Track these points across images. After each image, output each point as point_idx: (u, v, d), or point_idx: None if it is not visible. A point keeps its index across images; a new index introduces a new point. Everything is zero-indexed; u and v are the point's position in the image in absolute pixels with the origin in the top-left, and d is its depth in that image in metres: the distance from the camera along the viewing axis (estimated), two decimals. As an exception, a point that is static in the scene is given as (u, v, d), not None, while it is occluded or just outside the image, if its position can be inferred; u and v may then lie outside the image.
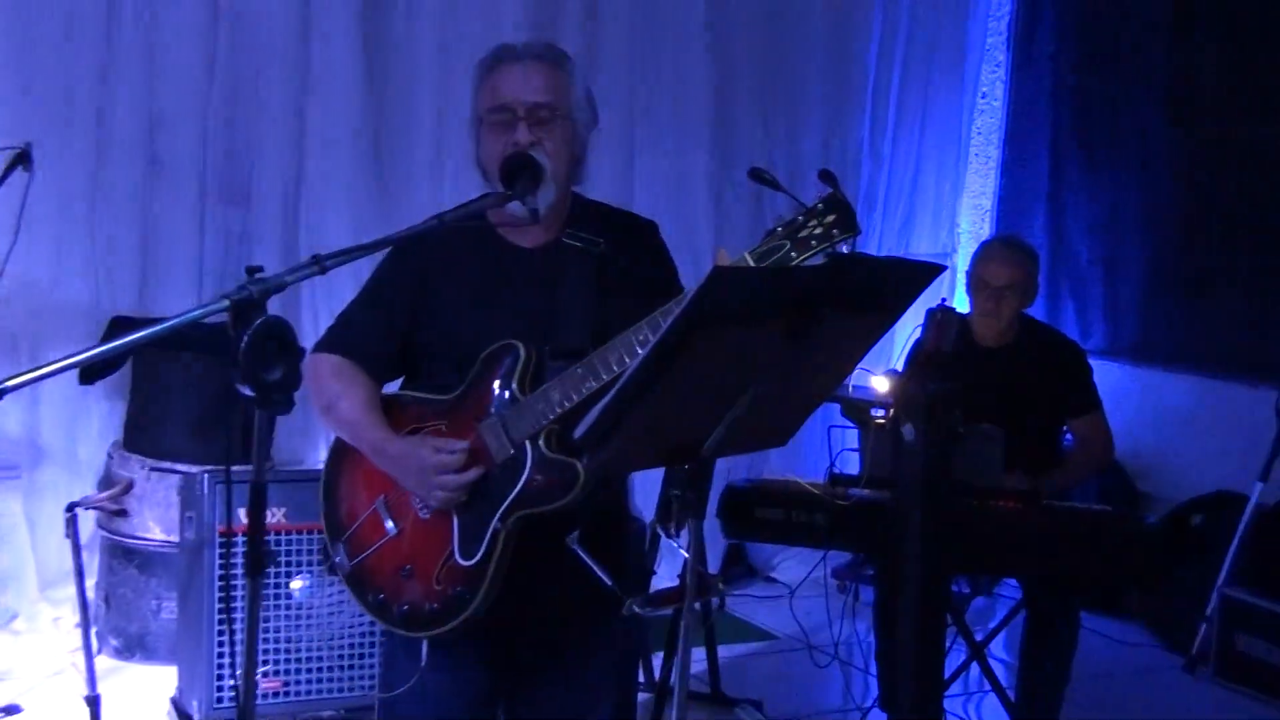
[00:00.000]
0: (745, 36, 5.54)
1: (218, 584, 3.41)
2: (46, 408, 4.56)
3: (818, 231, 2.15)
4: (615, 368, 2.17)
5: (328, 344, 2.54)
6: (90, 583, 4.32)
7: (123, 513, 3.99)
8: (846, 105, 5.86)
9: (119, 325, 4.36)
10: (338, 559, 2.51)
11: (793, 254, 2.15)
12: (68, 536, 3.47)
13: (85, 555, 4.48)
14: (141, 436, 4.41)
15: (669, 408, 1.99)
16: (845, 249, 2.18)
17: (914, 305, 2.21)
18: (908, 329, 3.69)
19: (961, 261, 5.96)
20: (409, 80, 4.90)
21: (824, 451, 3.66)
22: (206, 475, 3.51)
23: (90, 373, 4.36)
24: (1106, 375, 5.71)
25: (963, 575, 4.68)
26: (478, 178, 2.48)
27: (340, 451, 2.54)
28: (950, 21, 6.13)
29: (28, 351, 4.47)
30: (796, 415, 2.26)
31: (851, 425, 3.52)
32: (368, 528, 2.48)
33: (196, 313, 1.81)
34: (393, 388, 2.58)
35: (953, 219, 6.31)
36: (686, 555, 2.20)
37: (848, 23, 5.82)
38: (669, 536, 2.20)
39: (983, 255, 4.14)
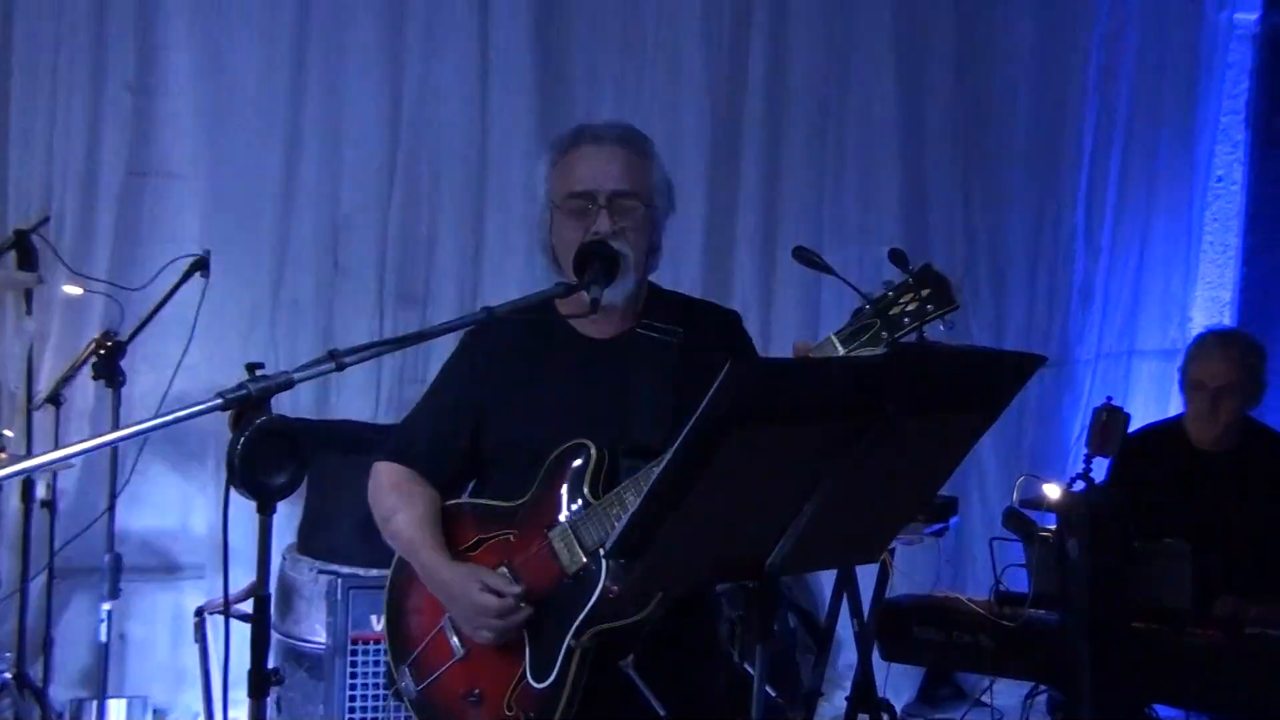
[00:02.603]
0: (941, 116, 5.25)
1: (347, 693, 3.32)
2: (232, 510, 4.63)
3: (911, 308, 1.94)
4: None
5: (390, 452, 2.43)
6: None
7: (247, 617, 3.97)
8: (1057, 192, 5.48)
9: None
10: (403, 684, 2.35)
11: (883, 333, 1.96)
12: (196, 641, 3.45)
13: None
14: (314, 538, 4.41)
15: (712, 516, 1.77)
16: (943, 327, 1.95)
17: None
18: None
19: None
20: (586, 182, 4.85)
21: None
22: (340, 580, 3.46)
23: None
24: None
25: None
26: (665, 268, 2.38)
27: (403, 567, 2.41)
28: (1176, 100, 5.68)
29: (214, 457, 4.57)
30: (885, 527, 2.00)
31: (1015, 538, 3.17)
32: (434, 648, 2.32)
33: (186, 412, 1.72)
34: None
35: (1184, 312, 5.79)
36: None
37: (1058, 104, 5.47)
38: (740, 661, 1.94)
39: (1196, 352, 3.73)
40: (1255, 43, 5.83)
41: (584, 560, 2.16)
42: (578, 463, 2.20)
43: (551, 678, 2.15)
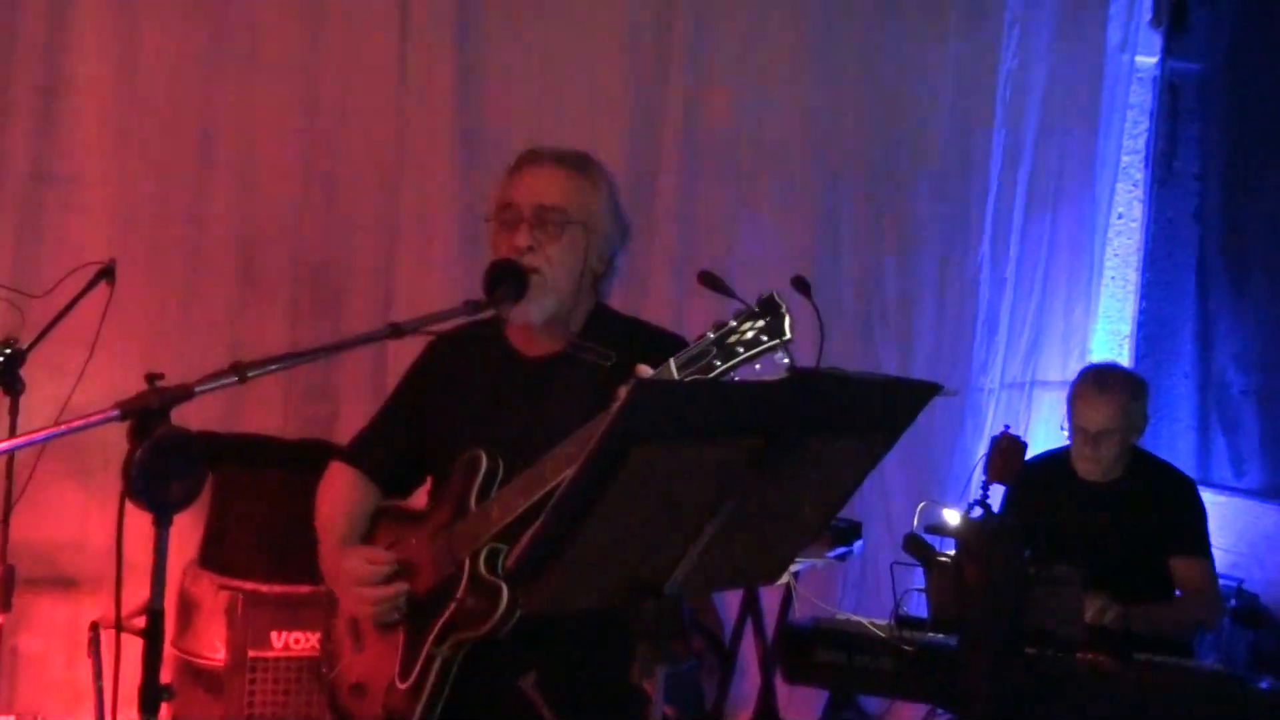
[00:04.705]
0: (854, 145, 5.34)
1: (245, 711, 3.28)
2: (131, 522, 4.55)
3: (746, 337, 1.99)
4: (550, 479, 2.01)
5: (345, 453, 2.52)
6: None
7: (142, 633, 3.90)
8: (964, 224, 5.58)
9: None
10: (326, 669, 2.44)
11: (716, 361, 1.99)
12: (90, 656, 3.39)
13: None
14: (216, 553, 4.35)
15: (613, 536, 1.79)
16: (783, 357, 1.99)
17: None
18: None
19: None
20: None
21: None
22: (241, 595, 3.42)
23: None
24: (1264, 519, 5.24)
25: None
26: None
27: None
28: (1079, 138, 5.82)
29: (115, 468, 4.47)
30: (785, 549, 2.03)
31: (914, 562, 3.23)
32: (341, 639, 2.42)
33: (83, 423, 1.70)
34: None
35: (1084, 345, 5.92)
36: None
37: (966, 140, 5.57)
38: (640, 685, 1.95)
39: (1076, 395, 3.85)
40: (1154, 86, 6.01)
41: (451, 568, 2.20)
42: (473, 472, 2.25)
43: (411, 679, 2.22)
